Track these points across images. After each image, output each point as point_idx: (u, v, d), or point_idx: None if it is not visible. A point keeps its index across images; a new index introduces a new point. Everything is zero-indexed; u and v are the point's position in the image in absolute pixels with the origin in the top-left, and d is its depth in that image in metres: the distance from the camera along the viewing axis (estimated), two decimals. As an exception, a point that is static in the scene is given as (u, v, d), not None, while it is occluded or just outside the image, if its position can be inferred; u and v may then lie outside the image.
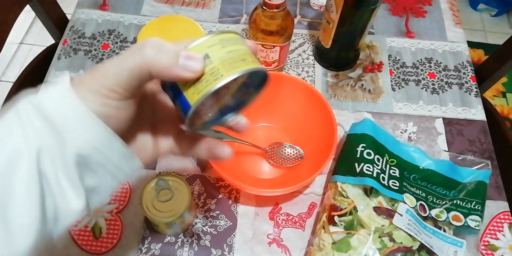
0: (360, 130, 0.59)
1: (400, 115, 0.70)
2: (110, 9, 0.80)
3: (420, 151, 0.60)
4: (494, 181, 0.64)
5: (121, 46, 0.75)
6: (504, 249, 0.59)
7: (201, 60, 0.27)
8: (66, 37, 0.76)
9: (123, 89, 0.27)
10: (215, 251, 0.57)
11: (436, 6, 0.84)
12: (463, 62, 0.76)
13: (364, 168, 0.55)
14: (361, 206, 0.53)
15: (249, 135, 0.65)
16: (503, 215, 0.61)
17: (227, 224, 0.59)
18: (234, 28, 0.78)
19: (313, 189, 0.62)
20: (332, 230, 0.52)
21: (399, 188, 0.55)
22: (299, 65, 0.75)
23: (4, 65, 1.59)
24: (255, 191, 0.55)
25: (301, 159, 0.62)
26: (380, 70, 0.75)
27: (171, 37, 0.56)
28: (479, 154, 0.67)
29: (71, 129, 0.26)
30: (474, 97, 0.72)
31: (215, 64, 0.27)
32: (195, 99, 0.27)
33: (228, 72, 0.27)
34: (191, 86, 0.28)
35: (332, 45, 0.69)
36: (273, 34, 0.62)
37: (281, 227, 0.59)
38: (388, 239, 0.51)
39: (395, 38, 0.79)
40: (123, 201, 0.60)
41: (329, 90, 0.72)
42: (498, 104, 1.61)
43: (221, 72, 0.27)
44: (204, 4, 0.81)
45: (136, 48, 0.27)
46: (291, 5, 0.82)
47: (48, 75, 0.71)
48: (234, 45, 0.29)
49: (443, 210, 0.55)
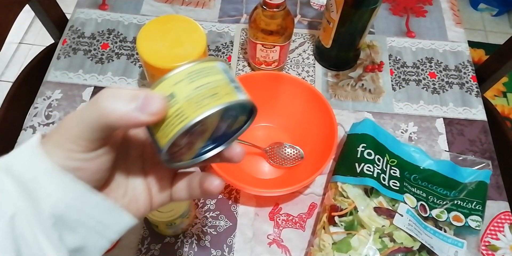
0: (361, 130, 0.59)
1: (400, 115, 0.70)
2: (110, 9, 0.79)
3: (421, 151, 0.60)
4: (495, 181, 0.64)
5: (121, 46, 0.75)
6: (505, 249, 0.59)
7: (160, 101, 0.25)
8: (65, 36, 0.75)
9: (87, 141, 0.26)
10: (215, 251, 0.57)
11: (437, 5, 0.84)
12: (464, 62, 0.76)
13: (365, 168, 0.55)
14: (361, 206, 0.52)
15: (249, 135, 0.65)
16: (504, 215, 0.61)
17: (227, 225, 0.59)
18: (234, 28, 0.78)
19: (313, 189, 0.62)
20: (333, 231, 0.52)
21: (400, 188, 0.55)
22: (299, 64, 0.74)
23: (4, 65, 1.59)
24: (255, 191, 0.54)
25: (301, 159, 0.62)
26: (380, 70, 0.74)
27: (171, 37, 0.56)
28: (480, 154, 0.66)
29: (43, 189, 0.25)
30: (474, 97, 0.72)
31: (181, 104, 0.25)
32: (163, 143, 0.26)
33: (194, 113, 0.24)
34: (159, 129, 0.26)
35: (333, 44, 0.69)
36: (273, 34, 0.62)
37: (281, 228, 0.59)
38: (389, 239, 0.50)
39: (396, 37, 0.79)
40: (122, 201, 0.60)
41: (330, 90, 0.72)
42: (498, 104, 1.61)
43: (186, 113, 0.25)
44: (204, 4, 0.81)
45: (92, 101, 0.26)
46: (291, 5, 0.82)
47: (48, 75, 0.71)
48: (206, 77, 0.26)
49: (443, 210, 0.55)
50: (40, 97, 0.69)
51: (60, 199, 0.26)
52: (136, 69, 0.72)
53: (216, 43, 0.76)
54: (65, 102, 0.68)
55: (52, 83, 0.70)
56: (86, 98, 0.69)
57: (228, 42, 0.76)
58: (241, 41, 0.76)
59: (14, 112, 0.75)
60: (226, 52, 0.75)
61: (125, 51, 0.74)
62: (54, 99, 0.68)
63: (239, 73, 0.73)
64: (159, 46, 0.55)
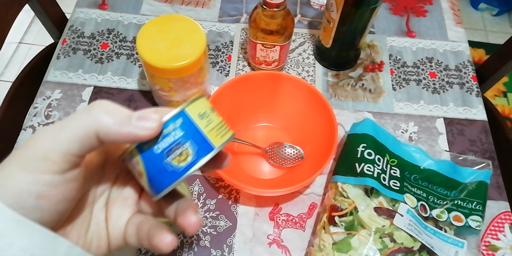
0: (361, 130, 0.59)
1: (401, 115, 0.70)
2: (110, 9, 0.79)
3: (421, 151, 0.60)
4: (495, 181, 0.64)
5: (120, 46, 0.75)
6: (505, 249, 0.59)
7: (156, 119, 0.25)
8: (65, 36, 0.75)
9: (62, 157, 0.23)
10: (215, 251, 0.57)
11: (437, 5, 0.84)
12: (464, 62, 0.76)
13: (365, 168, 0.55)
14: (361, 206, 0.52)
15: (249, 135, 0.65)
16: (504, 215, 0.61)
17: (227, 225, 0.59)
18: (234, 28, 0.78)
19: (313, 190, 0.62)
20: (333, 231, 0.52)
21: (400, 188, 0.55)
22: (299, 64, 0.74)
23: (3, 64, 1.59)
24: (255, 191, 0.54)
25: (301, 159, 0.62)
26: (380, 70, 0.74)
27: (171, 37, 0.56)
28: (480, 154, 0.66)
29: (2, 240, 0.22)
30: (475, 96, 0.72)
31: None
32: (218, 145, 0.27)
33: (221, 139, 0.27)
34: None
35: (333, 44, 0.69)
36: (273, 34, 0.62)
37: (281, 228, 0.59)
38: (389, 239, 0.50)
39: (396, 37, 0.79)
40: (122, 201, 0.60)
41: (330, 89, 0.72)
42: (499, 103, 1.60)
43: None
44: (204, 3, 0.81)
45: (83, 109, 0.24)
46: (291, 4, 0.82)
47: (47, 75, 0.71)
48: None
49: (444, 210, 0.55)
50: (40, 97, 0.68)
51: (23, 250, 0.23)
52: (136, 69, 0.72)
53: (216, 42, 0.76)
54: (64, 102, 0.68)
55: (51, 83, 0.70)
56: (86, 98, 0.68)
57: (228, 42, 0.76)
58: (241, 41, 0.76)
59: (14, 112, 0.75)
60: (226, 52, 0.75)
61: (125, 51, 0.74)
62: (53, 99, 0.68)
63: (239, 73, 0.73)
64: (159, 46, 0.54)
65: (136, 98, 0.69)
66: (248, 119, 0.65)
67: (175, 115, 0.26)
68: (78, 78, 0.71)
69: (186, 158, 0.25)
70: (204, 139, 0.26)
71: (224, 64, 0.74)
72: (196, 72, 0.57)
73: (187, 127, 0.26)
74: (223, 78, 0.72)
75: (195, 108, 0.26)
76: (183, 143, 0.26)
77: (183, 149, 0.25)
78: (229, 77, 0.72)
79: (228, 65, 0.74)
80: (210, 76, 0.68)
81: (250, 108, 0.64)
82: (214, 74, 0.72)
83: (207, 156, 0.26)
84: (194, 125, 0.26)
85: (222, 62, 0.74)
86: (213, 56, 0.74)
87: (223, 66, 0.73)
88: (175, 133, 0.25)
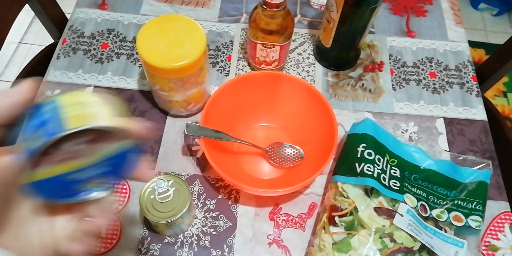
0: (361, 130, 0.59)
1: (401, 115, 0.70)
2: (109, 9, 0.79)
3: (421, 151, 0.60)
4: (495, 181, 0.64)
5: (120, 46, 0.74)
6: (505, 249, 0.59)
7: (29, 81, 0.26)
8: (65, 36, 0.75)
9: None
10: (215, 251, 0.57)
11: (437, 5, 0.84)
12: (464, 62, 0.76)
13: (365, 168, 0.55)
14: (361, 206, 0.52)
15: (249, 135, 0.65)
16: (504, 215, 0.61)
17: (227, 225, 0.59)
18: (234, 28, 0.78)
19: (313, 189, 0.62)
20: (333, 231, 0.52)
21: (400, 188, 0.55)
22: (299, 64, 0.74)
23: (3, 64, 1.59)
24: (255, 191, 0.54)
25: (301, 159, 0.62)
26: (380, 70, 0.74)
27: (171, 37, 0.55)
28: (480, 154, 0.66)
29: None
30: (475, 96, 0.72)
31: None
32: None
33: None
34: None
35: (333, 44, 0.69)
36: (273, 34, 0.61)
37: (281, 228, 0.59)
38: (389, 239, 0.50)
39: (396, 37, 0.79)
40: (122, 201, 0.60)
41: (330, 89, 0.72)
42: (499, 103, 1.60)
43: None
44: (204, 3, 0.81)
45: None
46: (291, 4, 0.82)
47: (47, 75, 0.71)
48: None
49: (444, 210, 0.55)
50: (40, 97, 0.68)
51: None
52: (136, 69, 0.72)
53: (216, 42, 0.76)
54: (64, 102, 0.68)
55: (51, 83, 0.70)
56: (86, 98, 0.68)
57: (228, 42, 0.76)
58: (241, 41, 0.76)
59: (14, 112, 0.74)
60: (226, 51, 0.75)
61: (124, 51, 0.74)
62: (53, 99, 0.68)
63: (239, 73, 0.73)
64: (159, 45, 0.54)
65: (136, 98, 0.69)
66: (248, 119, 0.65)
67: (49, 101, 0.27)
68: (78, 78, 0.71)
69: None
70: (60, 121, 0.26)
71: (224, 64, 0.74)
72: (196, 72, 0.57)
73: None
74: (223, 78, 0.72)
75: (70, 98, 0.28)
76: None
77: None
78: (229, 77, 0.72)
79: (228, 65, 0.74)
80: (210, 76, 0.68)
81: (250, 108, 0.64)
82: (214, 74, 0.72)
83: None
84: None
85: (222, 62, 0.74)
86: (213, 56, 0.74)
87: (223, 66, 0.73)
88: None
